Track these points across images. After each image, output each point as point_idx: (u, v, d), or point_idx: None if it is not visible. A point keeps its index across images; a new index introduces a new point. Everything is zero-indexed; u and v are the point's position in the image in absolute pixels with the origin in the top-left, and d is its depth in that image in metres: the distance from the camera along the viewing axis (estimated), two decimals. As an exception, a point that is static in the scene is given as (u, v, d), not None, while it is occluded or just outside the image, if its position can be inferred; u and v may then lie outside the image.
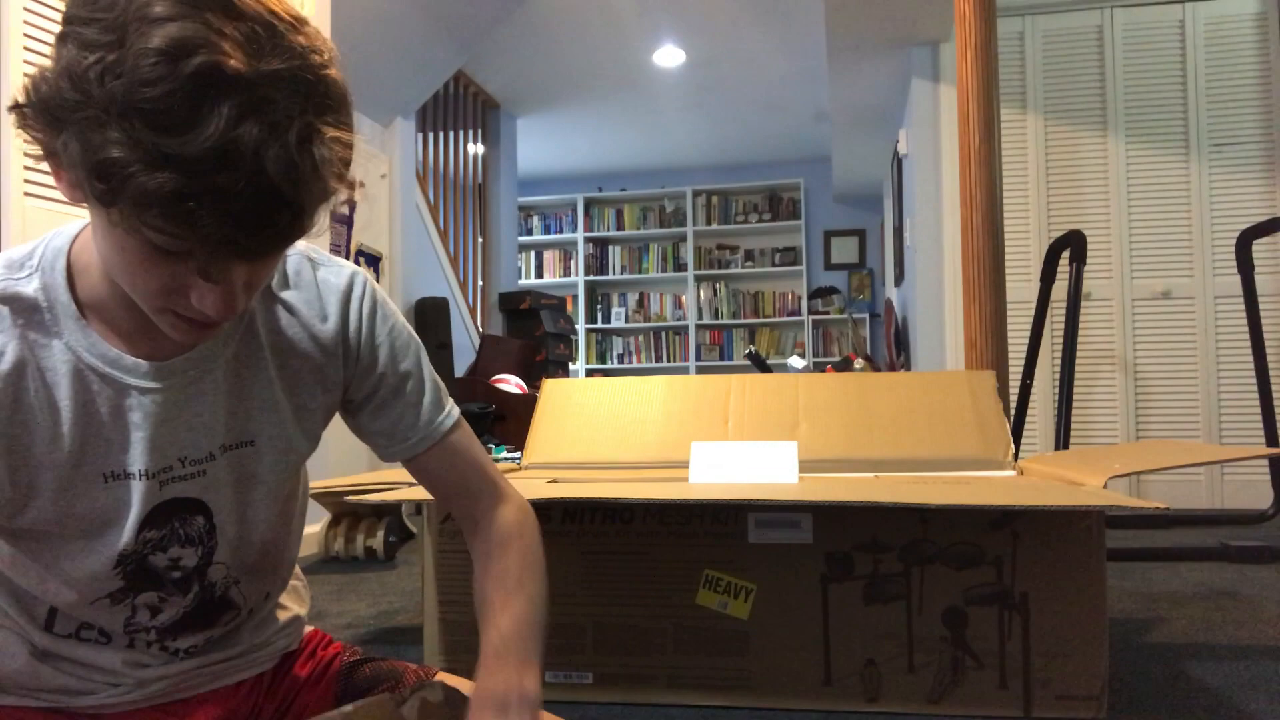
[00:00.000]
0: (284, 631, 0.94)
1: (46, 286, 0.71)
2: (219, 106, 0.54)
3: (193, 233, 0.57)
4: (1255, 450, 1.53)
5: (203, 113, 0.54)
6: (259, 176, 0.56)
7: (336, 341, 0.84)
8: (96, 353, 0.72)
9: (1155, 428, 3.80)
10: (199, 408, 0.77)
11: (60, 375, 0.71)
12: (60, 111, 0.57)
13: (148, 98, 0.53)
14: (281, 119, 0.57)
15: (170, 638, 0.83)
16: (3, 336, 0.69)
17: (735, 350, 7.90)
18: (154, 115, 0.54)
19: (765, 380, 2.01)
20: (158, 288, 0.63)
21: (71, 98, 0.55)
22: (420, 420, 0.88)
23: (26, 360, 0.70)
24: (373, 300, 0.86)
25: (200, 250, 0.59)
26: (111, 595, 0.78)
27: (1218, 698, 1.45)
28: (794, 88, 5.93)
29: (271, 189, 0.57)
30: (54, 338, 0.71)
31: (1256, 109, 3.78)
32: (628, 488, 1.43)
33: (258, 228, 0.58)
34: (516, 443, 4.81)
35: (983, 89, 2.55)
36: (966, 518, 1.38)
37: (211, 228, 0.57)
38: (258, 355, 0.80)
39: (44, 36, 1.99)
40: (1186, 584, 2.34)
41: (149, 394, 0.74)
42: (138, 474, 0.74)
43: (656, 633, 1.46)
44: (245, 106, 0.55)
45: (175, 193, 0.55)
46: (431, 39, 4.22)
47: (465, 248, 5.71)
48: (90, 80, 0.54)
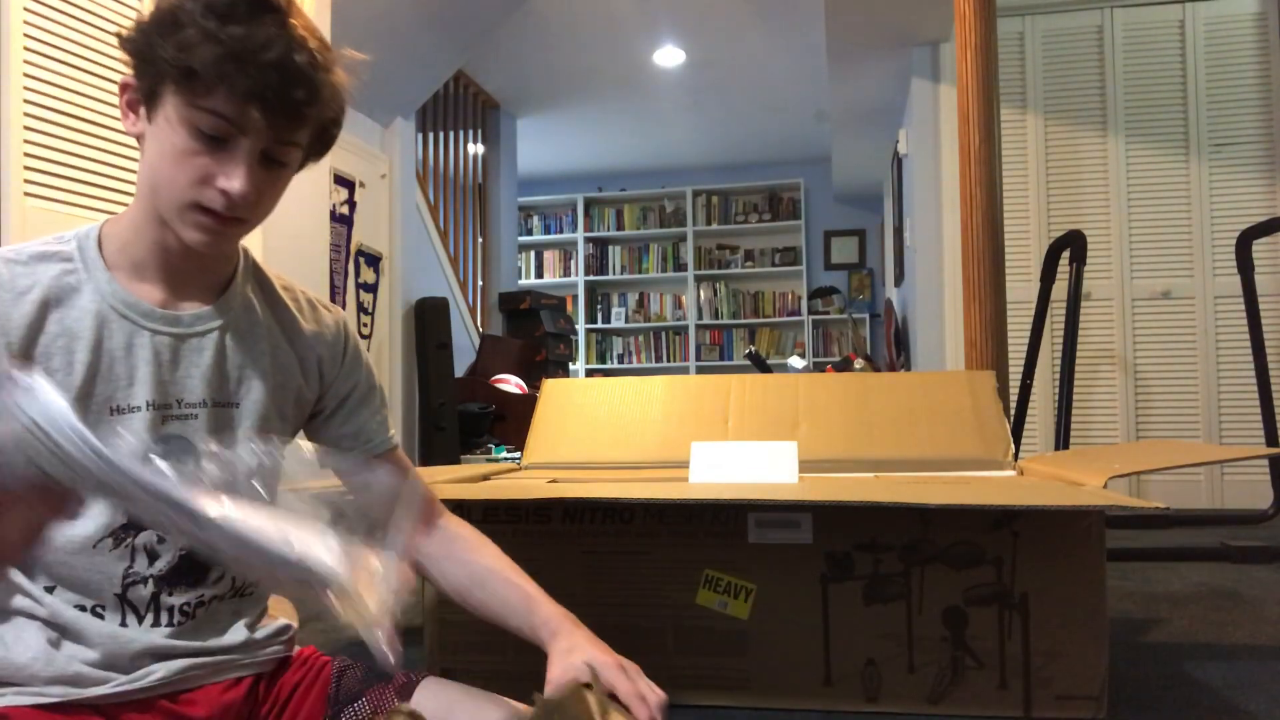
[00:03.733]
0: (278, 637, 0.98)
1: (80, 247, 0.87)
2: (267, 16, 0.80)
3: (237, 89, 0.78)
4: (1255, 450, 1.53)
5: (256, 19, 0.79)
6: (286, 60, 0.80)
7: (327, 343, 1.00)
8: (118, 298, 0.86)
9: (1155, 428, 3.80)
10: (196, 359, 0.90)
11: (85, 313, 0.85)
12: (156, 29, 0.80)
13: (220, 3, 0.79)
14: (303, 34, 0.82)
15: (166, 590, 0.88)
16: (36, 278, 0.84)
17: (735, 350, 7.90)
18: (222, 12, 0.78)
19: (765, 380, 2.01)
20: (195, 178, 0.81)
21: (167, 12, 0.80)
22: (384, 426, 1.06)
23: (53, 299, 0.84)
24: (349, 326, 1.05)
25: (244, 116, 0.79)
26: (114, 534, 0.85)
27: (1218, 698, 1.45)
28: (794, 88, 5.93)
29: (295, 68, 0.80)
30: (84, 284, 0.85)
31: (1256, 109, 3.78)
32: (628, 488, 1.43)
33: (281, 90, 0.80)
34: (516, 443, 4.81)
35: (983, 89, 2.55)
36: (966, 518, 1.38)
37: (248, 83, 0.78)
38: (255, 332, 0.95)
39: (44, 37, 1.99)
40: (1186, 584, 2.34)
41: (158, 335, 0.87)
42: (144, 405, 0.86)
43: (656, 633, 1.46)
44: (281, 21, 0.81)
45: (227, 54, 0.77)
46: (431, 39, 4.22)
47: (465, 248, 5.71)
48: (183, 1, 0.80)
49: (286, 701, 0.95)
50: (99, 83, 2.13)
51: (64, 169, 2.04)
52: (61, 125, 2.03)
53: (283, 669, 0.97)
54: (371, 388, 1.05)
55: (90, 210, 2.08)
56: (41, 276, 0.84)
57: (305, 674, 0.98)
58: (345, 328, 1.03)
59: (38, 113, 1.98)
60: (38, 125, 1.98)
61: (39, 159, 1.98)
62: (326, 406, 1.02)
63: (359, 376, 1.03)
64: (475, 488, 1.50)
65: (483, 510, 1.55)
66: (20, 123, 1.94)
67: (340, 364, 1.02)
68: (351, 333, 1.04)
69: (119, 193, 2.16)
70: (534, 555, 1.53)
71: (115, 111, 2.18)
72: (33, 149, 1.97)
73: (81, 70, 2.08)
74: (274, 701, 0.95)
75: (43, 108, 1.99)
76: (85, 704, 0.83)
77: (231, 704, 0.91)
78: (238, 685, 0.92)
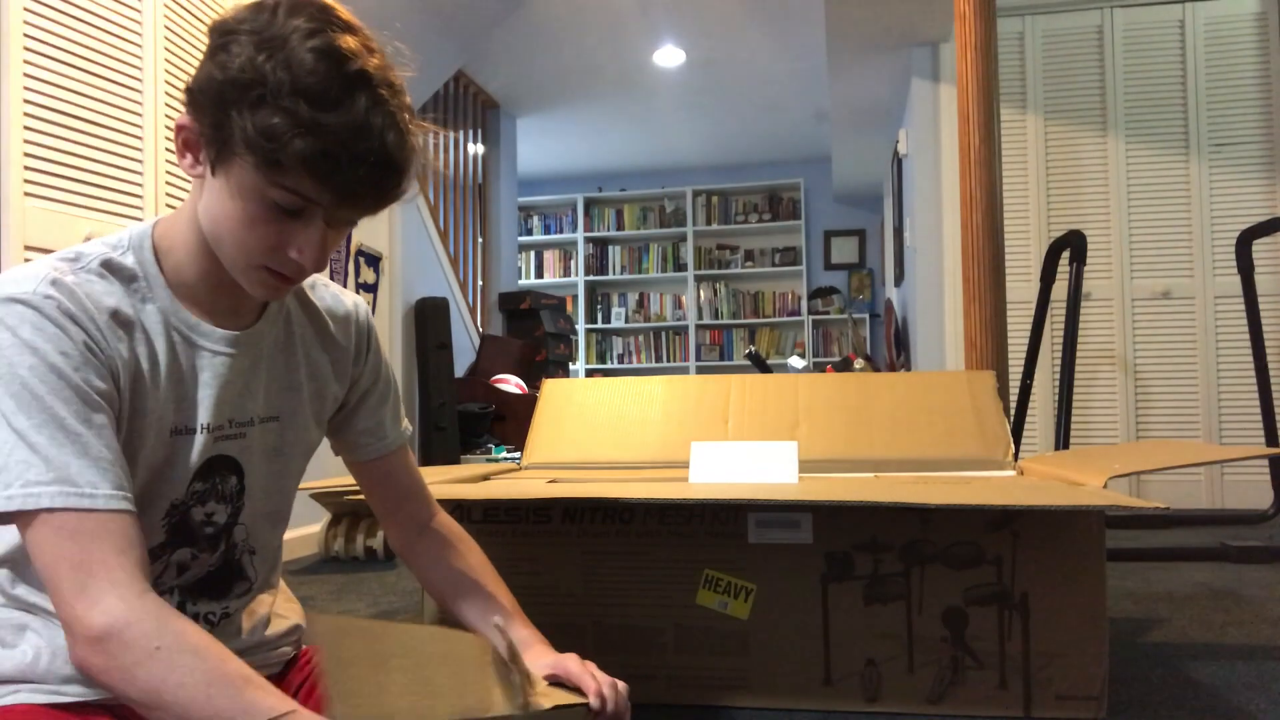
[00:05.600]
0: (288, 637, 0.98)
1: (141, 261, 0.85)
2: (360, 93, 0.74)
3: (328, 186, 0.75)
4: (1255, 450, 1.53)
5: (351, 97, 0.74)
6: (382, 148, 0.75)
7: (352, 340, 1.01)
8: (180, 318, 0.86)
9: (1155, 428, 3.80)
10: (250, 378, 0.90)
11: (156, 334, 0.84)
12: (234, 93, 0.74)
13: (310, 84, 0.73)
14: (395, 108, 0.77)
15: (190, 600, 0.89)
16: (118, 296, 0.82)
17: (735, 350, 7.90)
18: (313, 96, 0.73)
19: (765, 380, 2.01)
20: (265, 246, 0.79)
21: (247, 80, 0.73)
22: (398, 422, 1.06)
23: (131, 322, 0.83)
24: (370, 319, 1.05)
25: (329, 201, 0.76)
26: (152, 550, 0.85)
27: (1218, 698, 1.45)
28: (794, 88, 5.93)
29: (389, 157, 0.76)
30: (150, 302, 0.84)
31: (1256, 109, 3.78)
32: (628, 488, 1.43)
33: (374, 186, 0.77)
34: (516, 443, 4.81)
35: (983, 89, 2.55)
36: (966, 518, 1.38)
37: (343, 182, 0.75)
38: (291, 341, 0.95)
39: (44, 37, 1.99)
40: (1186, 584, 2.34)
41: (219, 357, 0.88)
42: (200, 428, 0.86)
43: (656, 633, 1.46)
44: (374, 96, 0.75)
45: (323, 152, 0.73)
46: (431, 39, 4.22)
47: (465, 248, 5.71)
48: (265, 70, 0.73)
49: None
50: (99, 83, 2.13)
51: (64, 169, 2.04)
52: (61, 125, 2.03)
53: (289, 668, 0.98)
54: (389, 381, 1.05)
55: (90, 210, 2.08)
56: (120, 294, 0.82)
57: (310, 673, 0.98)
58: (366, 318, 1.03)
59: (38, 113, 1.98)
60: (38, 125, 1.98)
61: (39, 159, 1.98)
62: (349, 401, 1.02)
63: (380, 370, 1.04)
64: (475, 488, 1.50)
65: (483, 510, 1.55)
66: (20, 123, 1.94)
67: (365, 357, 1.02)
68: (371, 323, 1.03)
69: (119, 193, 2.16)
70: (534, 555, 1.54)
71: (115, 111, 2.19)
72: (33, 149, 1.97)
73: (81, 70, 2.08)
74: None
75: (43, 108, 1.99)
76: (100, 705, 0.83)
77: None
78: None
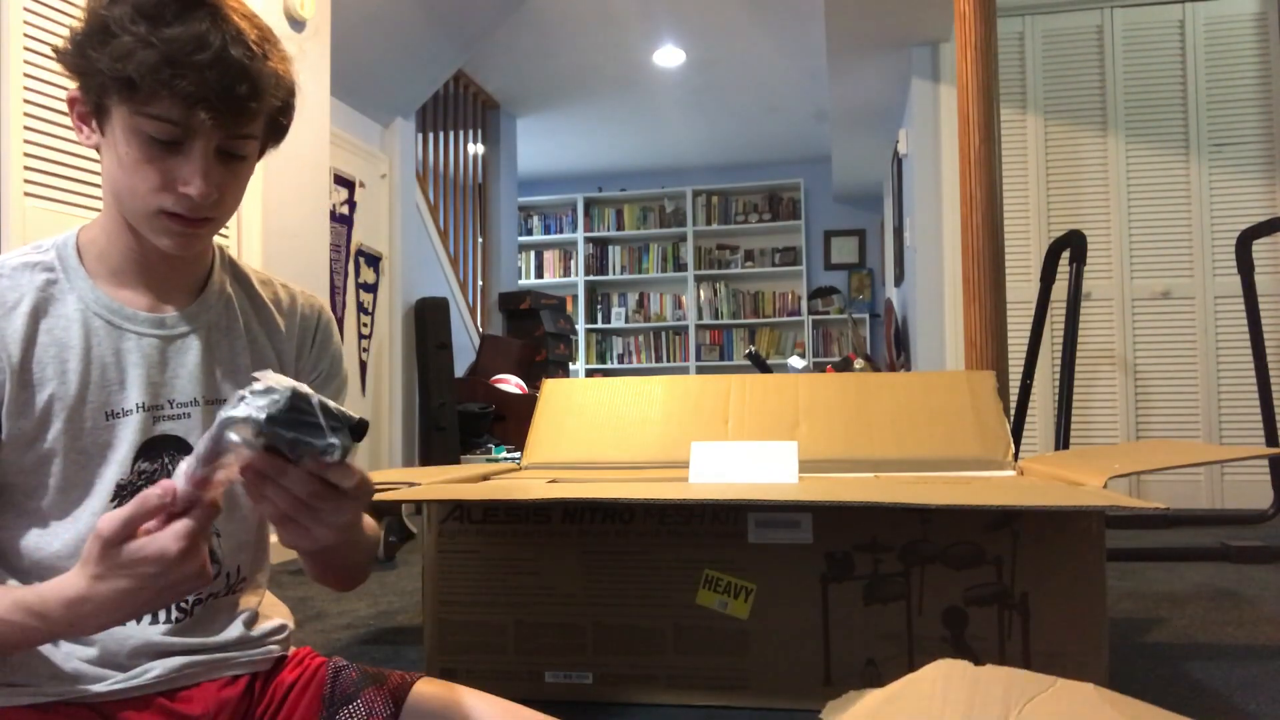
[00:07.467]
0: (274, 636, 0.98)
1: (60, 256, 0.89)
2: (200, 11, 0.79)
3: (179, 95, 0.78)
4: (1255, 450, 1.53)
5: (191, 13, 0.79)
6: (224, 55, 0.79)
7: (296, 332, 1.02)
8: (102, 304, 0.88)
9: (1155, 428, 3.80)
10: (184, 359, 0.92)
11: (72, 321, 0.86)
12: (89, 40, 0.79)
13: (147, 5, 0.78)
14: (242, 29, 0.81)
15: None
16: (22, 291, 0.85)
17: (735, 350, 7.90)
18: (152, 14, 0.78)
19: (765, 380, 2.01)
20: (153, 186, 0.82)
21: (98, 23, 0.79)
22: None
23: (41, 309, 0.85)
24: (326, 316, 1.05)
25: (189, 116, 0.79)
26: None
27: (1218, 698, 1.45)
28: (794, 88, 5.93)
29: (234, 63, 0.79)
30: (67, 293, 0.87)
31: (1256, 109, 3.78)
32: (628, 488, 1.43)
33: (225, 91, 0.79)
34: (516, 443, 4.81)
35: (983, 89, 2.55)
36: (966, 518, 1.38)
37: (188, 86, 0.78)
38: (234, 326, 0.97)
39: (44, 36, 1.99)
40: (1186, 584, 2.34)
41: (145, 338, 0.89)
42: (135, 407, 0.88)
43: (656, 633, 1.46)
44: (217, 15, 0.80)
45: (167, 58, 0.77)
46: (431, 39, 4.22)
47: (465, 248, 5.71)
48: (112, 10, 0.78)
49: (282, 701, 0.95)
50: (99, 83, 2.13)
51: (64, 169, 2.04)
52: (61, 125, 2.03)
53: (279, 668, 0.98)
54: (335, 375, 1.05)
55: (91, 210, 2.08)
56: (27, 288, 0.85)
57: (301, 674, 0.98)
58: (320, 315, 1.03)
59: (38, 113, 1.98)
60: (38, 125, 1.98)
61: (39, 159, 1.98)
62: None
63: (325, 362, 1.04)
64: (475, 488, 1.50)
65: (483, 510, 1.55)
66: (20, 123, 1.94)
67: (310, 347, 1.03)
68: (326, 319, 1.04)
69: (119, 193, 2.16)
70: (534, 555, 1.54)
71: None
72: (33, 149, 1.97)
73: (81, 70, 2.09)
74: (270, 700, 0.95)
75: (43, 108, 1.99)
76: (82, 702, 0.83)
77: (228, 702, 0.91)
78: (234, 683, 0.92)
